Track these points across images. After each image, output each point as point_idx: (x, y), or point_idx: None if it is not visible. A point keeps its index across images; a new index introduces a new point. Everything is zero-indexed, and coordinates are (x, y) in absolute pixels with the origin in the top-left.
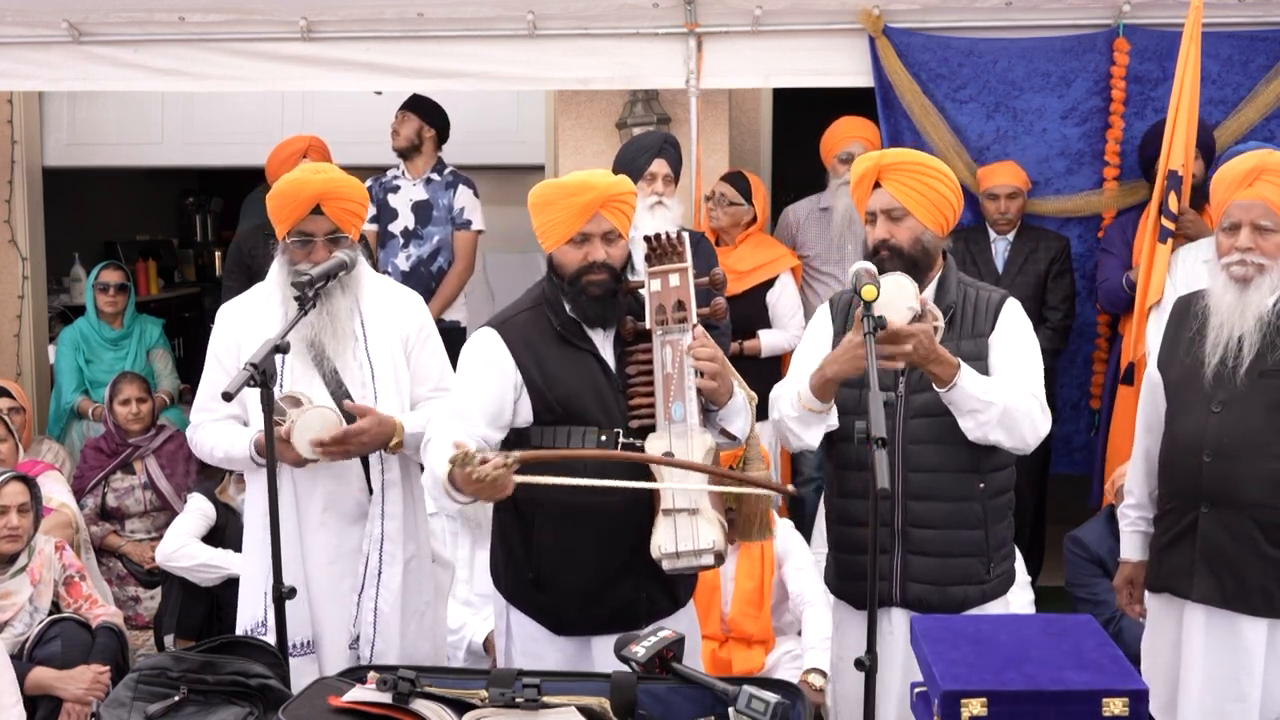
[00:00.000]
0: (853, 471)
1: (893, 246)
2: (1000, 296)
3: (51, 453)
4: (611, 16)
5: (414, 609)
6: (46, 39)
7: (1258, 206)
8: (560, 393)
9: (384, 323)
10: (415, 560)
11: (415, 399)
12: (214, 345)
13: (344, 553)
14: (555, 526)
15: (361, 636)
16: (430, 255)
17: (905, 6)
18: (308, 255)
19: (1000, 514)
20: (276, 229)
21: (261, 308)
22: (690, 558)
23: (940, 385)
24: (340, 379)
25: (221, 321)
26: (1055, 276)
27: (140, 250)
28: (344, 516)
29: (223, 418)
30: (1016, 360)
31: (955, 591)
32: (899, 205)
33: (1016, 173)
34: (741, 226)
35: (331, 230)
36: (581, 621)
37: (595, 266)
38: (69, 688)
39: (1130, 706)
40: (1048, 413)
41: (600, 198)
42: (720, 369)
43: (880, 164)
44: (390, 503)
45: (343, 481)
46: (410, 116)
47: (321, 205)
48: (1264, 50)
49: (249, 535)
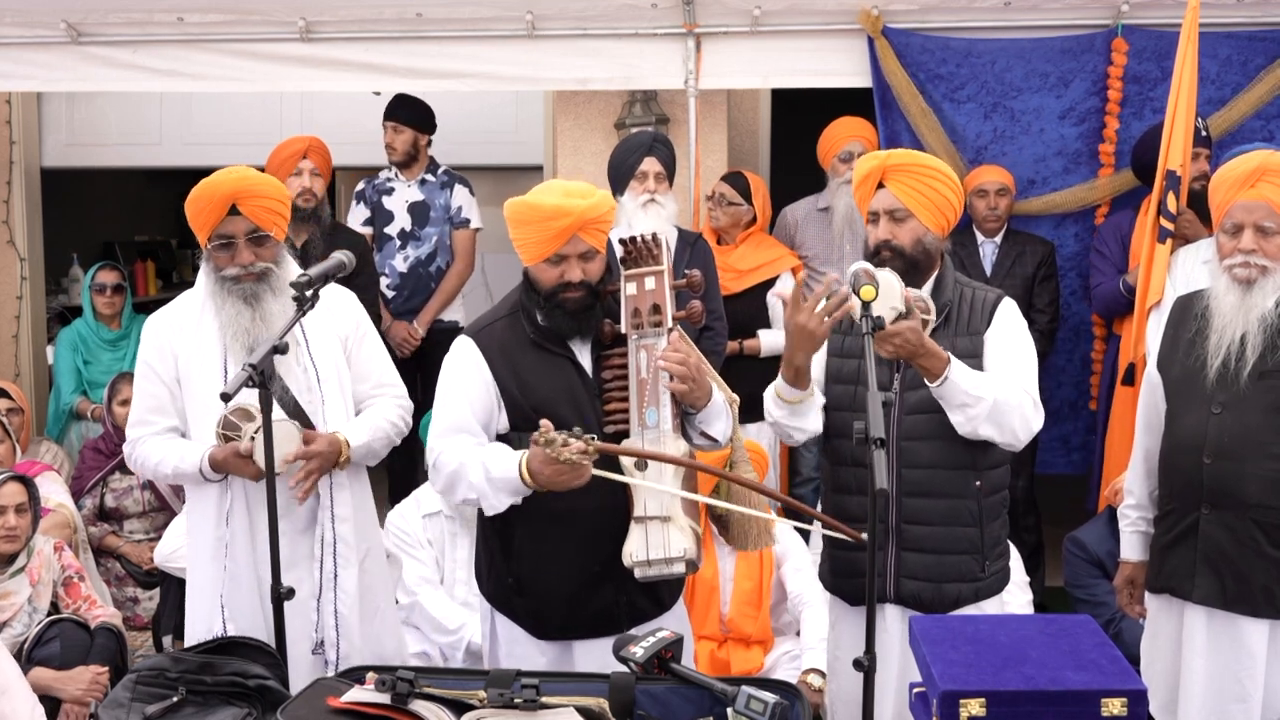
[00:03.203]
0: (847, 468)
1: (894, 247)
2: (996, 296)
3: (50, 453)
4: (610, 17)
5: (372, 607)
6: (45, 39)
7: (1260, 208)
8: (535, 400)
9: (322, 323)
10: (369, 559)
11: (358, 397)
12: (145, 355)
13: (298, 559)
14: (535, 531)
15: (325, 641)
16: (428, 256)
17: (904, 7)
18: (231, 259)
19: (995, 512)
20: (198, 236)
21: (192, 315)
22: (661, 565)
23: (930, 380)
24: (284, 384)
25: (151, 332)
26: (1042, 280)
27: (139, 251)
28: (295, 524)
29: (162, 431)
30: (1010, 357)
31: (949, 589)
32: (902, 206)
33: (1004, 173)
34: (741, 226)
35: (252, 230)
36: (563, 626)
37: (572, 285)
38: (68, 688)
39: (1129, 707)
40: (1040, 409)
41: (578, 222)
42: (692, 373)
43: (885, 164)
44: (340, 505)
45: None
46: (402, 129)
47: (238, 205)
48: (1262, 50)
49: (192, 549)
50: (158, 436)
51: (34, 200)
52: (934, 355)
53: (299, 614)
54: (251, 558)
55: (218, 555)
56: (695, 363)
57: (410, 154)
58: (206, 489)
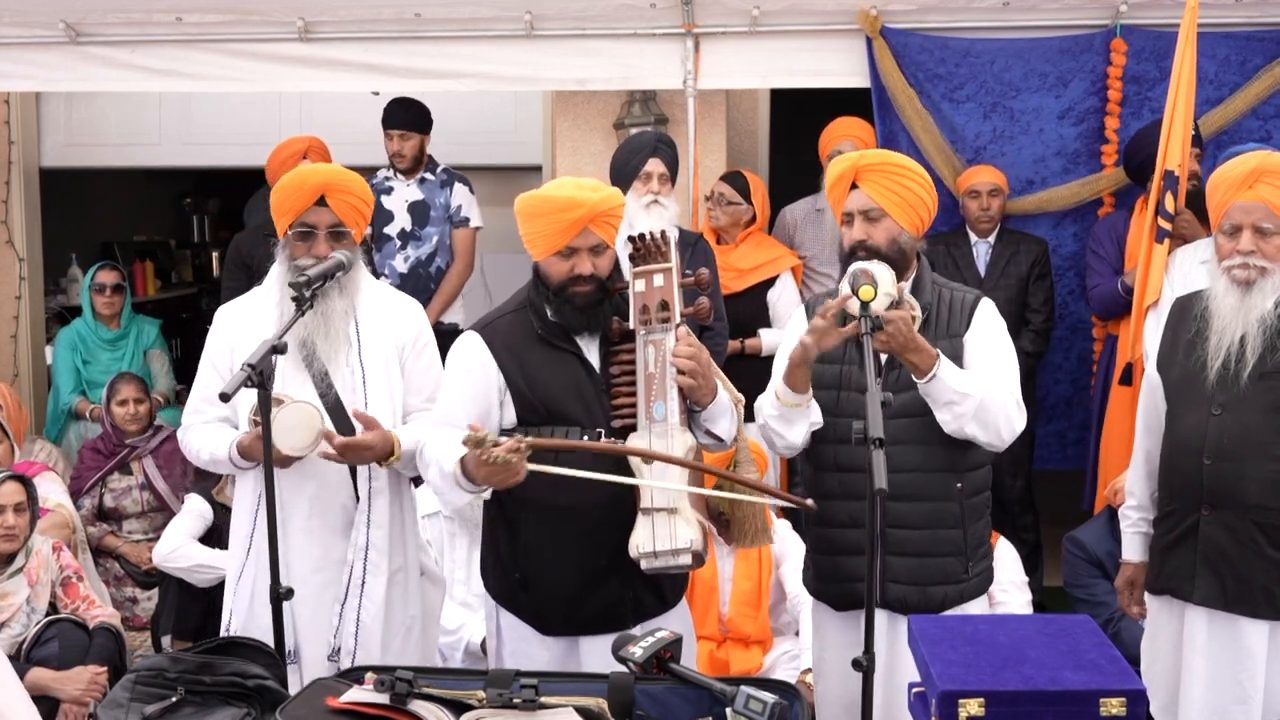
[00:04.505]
0: (830, 473)
1: (870, 247)
2: (974, 297)
3: (44, 452)
4: (609, 17)
5: (399, 623)
6: (44, 39)
7: (1259, 209)
8: (542, 394)
9: (380, 329)
10: (402, 573)
11: (407, 409)
12: (209, 347)
13: (329, 562)
14: (540, 527)
15: (342, 648)
16: (429, 256)
17: (902, 7)
18: (309, 249)
19: (978, 513)
20: (278, 224)
21: (259, 309)
22: (668, 557)
23: (919, 376)
24: (330, 382)
25: (218, 323)
26: (1036, 279)
27: (138, 251)
28: (330, 525)
29: (213, 420)
30: (991, 359)
31: (935, 591)
32: (876, 206)
33: (996, 173)
34: (741, 226)
35: (334, 224)
36: (568, 622)
37: (582, 279)
38: (66, 688)
39: (1128, 707)
40: (1023, 410)
41: (590, 214)
42: (700, 368)
43: (857, 165)
44: (377, 511)
45: (329, 488)
46: (410, 135)
47: (326, 196)
48: (1260, 50)
49: (234, 537)
50: (206, 425)
51: (33, 200)
52: (923, 350)
53: (319, 617)
54: (282, 556)
55: (244, 544)
56: (705, 359)
57: (418, 158)
58: (247, 479)
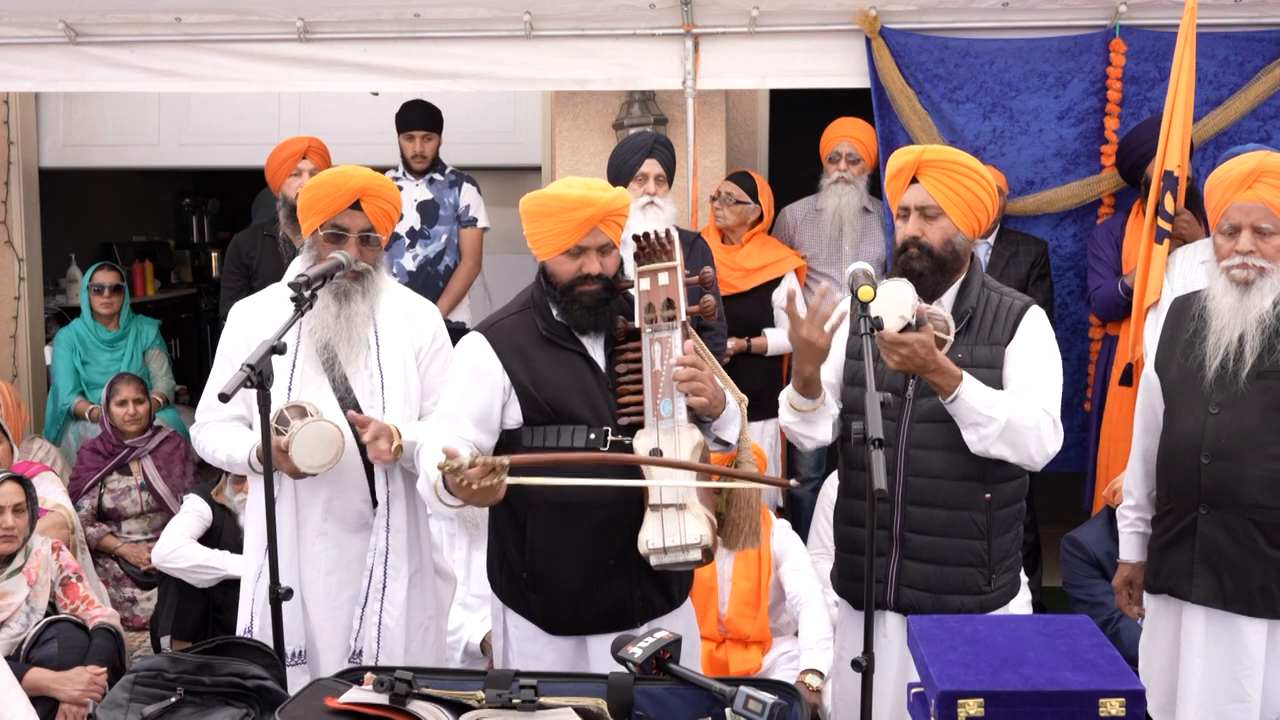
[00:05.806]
0: (857, 471)
1: (922, 245)
2: (1023, 304)
3: (43, 451)
4: (608, 17)
5: (418, 623)
6: (42, 40)
7: (1258, 209)
8: (548, 393)
9: (398, 332)
10: (419, 574)
11: (424, 412)
12: (224, 344)
13: (344, 563)
14: (548, 526)
15: (364, 651)
16: (437, 255)
17: (902, 7)
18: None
19: (1006, 525)
20: (305, 224)
21: (275, 306)
22: (678, 553)
23: (942, 396)
24: (349, 385)
25: (234, 320)
26: (1035, 280)
27: (137, 251)
28: (345, 526)
29: (228, 418)
30: (1032, 374)
31: (951, 601)
32: (934, 203)
33: (995, 173)
34: (748, 225)
35: (366, 228)
36: (576, 621)
37: (590, 278)
38: (66, 689)
39: (1127, 707)
40: (1059, 429)
41: (600, 214)
42: (704, 384)
43: (920, 158)
44: (395, 515)
45: (345, 491)
46: (431, 136)
47: (361, 201)
48: (1260, 51)
49: (249, 538)
50: (221, 424)
51: (32, 201)
52: (946, 372)
53: (337, 619)
54: (295, 553)
55: (261, 545)
56: (708, 374)
57: (434, 159)
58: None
